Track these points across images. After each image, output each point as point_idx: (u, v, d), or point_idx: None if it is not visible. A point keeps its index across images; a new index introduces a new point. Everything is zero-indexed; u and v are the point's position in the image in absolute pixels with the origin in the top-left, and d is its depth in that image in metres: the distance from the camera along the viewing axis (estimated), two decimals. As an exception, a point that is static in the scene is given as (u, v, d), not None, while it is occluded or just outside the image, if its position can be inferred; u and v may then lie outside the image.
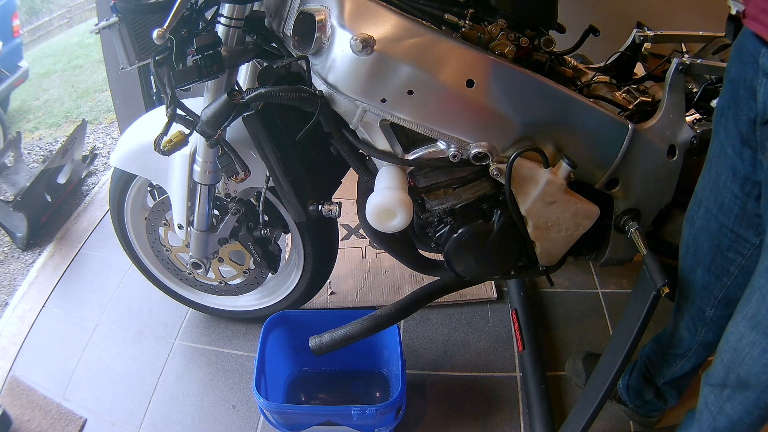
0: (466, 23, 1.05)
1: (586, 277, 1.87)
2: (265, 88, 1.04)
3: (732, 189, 0.95)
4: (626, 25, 1.42)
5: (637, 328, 1.10)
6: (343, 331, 1.27)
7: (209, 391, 1.59)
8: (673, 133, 1.16)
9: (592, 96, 1.23)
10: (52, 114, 3.80)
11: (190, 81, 1.05)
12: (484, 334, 1.70)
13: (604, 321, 1.73)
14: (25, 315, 1.86)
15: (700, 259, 1.08)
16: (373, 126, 1.07)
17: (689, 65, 1.14)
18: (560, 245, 1.24)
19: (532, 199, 1.14)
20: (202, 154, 1.27)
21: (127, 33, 1.04)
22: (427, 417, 1.50)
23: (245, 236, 1.45)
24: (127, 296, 1.89)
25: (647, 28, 1.39)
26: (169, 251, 1.61)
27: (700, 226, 1.05)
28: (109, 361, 1.69)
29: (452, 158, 1.08)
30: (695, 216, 1.06)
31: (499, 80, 1.04)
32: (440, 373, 1.60)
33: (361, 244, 2.01)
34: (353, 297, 1.83)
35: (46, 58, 5.06)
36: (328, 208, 1.21)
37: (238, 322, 1.77)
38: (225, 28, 1.08)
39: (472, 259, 1.25)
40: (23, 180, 2.47)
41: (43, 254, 2.14)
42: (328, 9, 1.00)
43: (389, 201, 1.05)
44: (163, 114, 1.07)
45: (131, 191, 1.53)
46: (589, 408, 1.21)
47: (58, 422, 1.52)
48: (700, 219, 1.05)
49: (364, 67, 0.99)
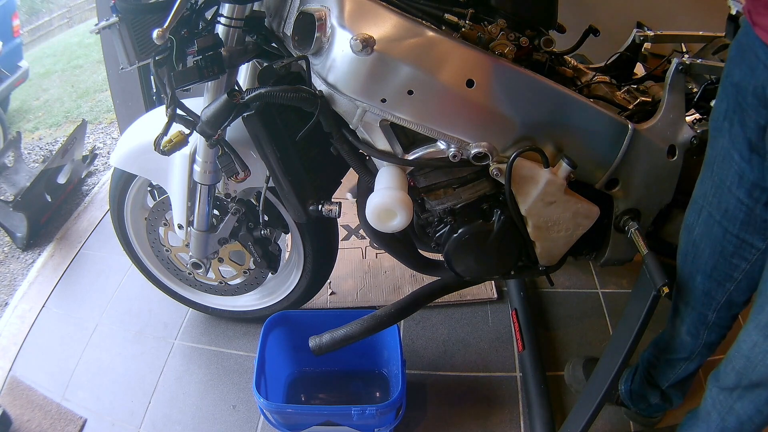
0: (466, 23, 1.05)
1: (586, 277, 1.87)
2: (265, 88, 1.04)
3: (738, 195, 0.93)
4: (626, 25, 1.42)
5: (637, 328, 1.10)
6: (343, 331, 1.27)
7: (209, 391, 1.59)
8: (673, 133, 1.16)
9: (592, 96, 1.23)
10: (52, 114, 3.80)
11: (190, 82, 1.05)
12: (484, 334, 1.70)
13: (604, 321, 1.73)
14: (25, 315, 1.86)
15: (700, 266, 1.07)
16: (373, 126, 1.07)
17: (689, 65, 1.14)
18: (560, 245, 1.24)
19: (532, 199, 1.14)
20: (202, 154, 1.27)
21: (127, 33, 1.04)
22: (427, 417, 1.50)
23: (245, 236, 1.45)
24: (127, 296, 1.89)
25: (647, 28, 1.39)
26: (169, 251, 1.61)
27: (700, 232, 1.04)
28: (109, 361, 1.69)
29: (452, 158, 1.08)
30: (694, 223, 1.05)
31: (499, 80, 1.04)
32: (440, 373, 1.60)
33: (362, 245, 2.01)
34: (353, 297, 1.83)
35: (46, 58, 5.06)
36: (328, 208, 1.21)
37: (238, 322, 1.77)
38: (225, 28, 1.08)
39: (472, 259, 1.25)
40: (23, 180, 2.47)
41: (43, 254, 2.14)
42: (328, 9, 1.00)
43: (389, 201, 1.05)
44: (163, 114, 1.07)
45: (131, 191, 1.53)
46: (589, 408, 1.21)
47: (58, 422, 1.52)
48: (701, 225, 1.03)
49: (364, 67, 0.99)
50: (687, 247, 1.09)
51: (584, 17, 1.29)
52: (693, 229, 1.06)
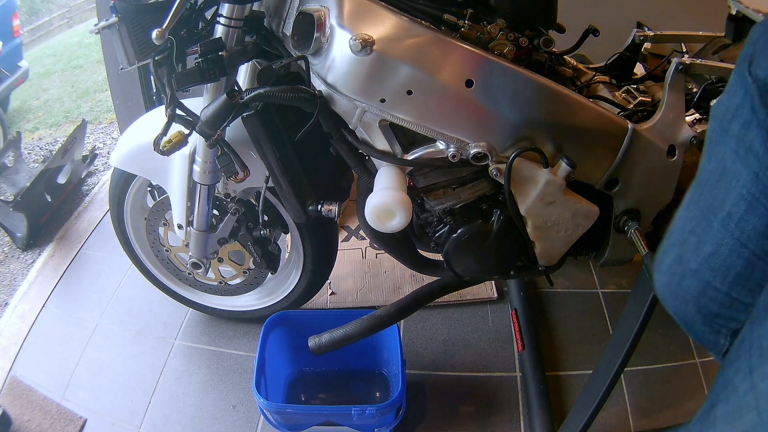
0: (466, 23, 1.05)
1: (586, 277, 1.87)
2: (265, 88, 1.04)
3: (735, 232, 0.68)
4: (626, 25, 1.42)
5: (637, 328, 1.10)
6: (342, 331, 1.27)
7: (209, 391, 1.59)
8: (673, 133, 1.16)
9: (591, 96, 1.23)
10: (52, 114, 3.81)
11: (192, 83, 1.05)
12: (484, 334, 1.70)
13: (604, 321, 1.73)
14: (25, 315, 1.86)
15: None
16: (373, 126, 1.07)
17: (689, 65, 1.13)
18: (560, 245, 1.24)
19: (531, 199, 1.14)
20: (202, 154, 1.27)
21: (126, 33, 1.04)
22: (427, 417, 1.50)
23: (245, 236, 1.45)
24: (127, 296, 1.89)
25: (647, 28, 1.39)
26: (168, 251, 1.61)
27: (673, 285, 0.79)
28: (109, 361, 1.69)
29: (451, 158, 1.08)
30: (662, 262, 0.81)
31: (498, 80, 1.04)
32: (440, 373, 1.60)
33: (362, 245, 2.01)
34: (353, 297, 1.83)
35: (46, 58, 5.07)
36: (327, 208, 1.21)
37: (238, 322, 1.77)
38: (224, 28, 1.08)
39: (472, 259, 1.25)
40: (23, 180, 2.47)
41: (43, 254, 2.15)
42: (328, 9, 1.00)
43: (388, 201, 1.05)
44: (163, 114, 1.07)
45: (131, 191, 1.53)
46: (589, 408, 1.21)
47: (58, 422, 1.52)
48: (666, 274, 0.80)
49: (363, 67, 0.99)
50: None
51: (584, 17, 1.29)
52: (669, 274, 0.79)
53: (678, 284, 0.76)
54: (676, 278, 0.77)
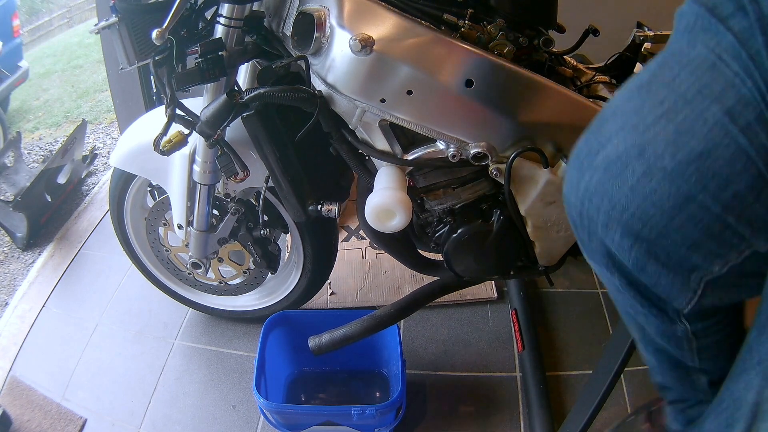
0: (465, 23, 1.05)
1: (586, 277, 1.87)
2: (265, 88, 1.04)
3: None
4: (626, 25, 1.41)
5: (637, 328, 1.10)
6: (342, 331, 1.27)
7: (209, 391, 1.59)
8: (673, 133, 1.16)
9: (592, 96, 1.23)
10: (52, 114, 3.81)
11: (192, 84, 1.05)
12: (484, 334, 1.70)
13: (604, 321, 1.73)
14: (25, 315, 1.86)
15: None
16: (373, 126, 1.07)
17: (689, 65, 1.13)
18: (560, 245, 1.24)
19: (531, 199, 1.13)
20: (202, 154, 1.27)
21: (126, 33, 1.04)
22: (427, 417, 1.50)
23: (245, 236, 1.45)
24: (127, 296, 1.89)
25: (647, 28, 1.39)
26: (168, 251, 1.61)
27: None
28: (109, 361, 1.69)
29: (451, 158, 1.08)
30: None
31: (498, 80, 1.04)
32: (440, 373, 1.60)
33: (362, 245, 2.01)
34: (353, 297, 1.83)
35: (46, 58, 5.07)
36: (327, 208, 1.21)
37: (238, 322, 1.77)
38: (224, 28, 1.08)
39: (472, 259, 1.25)
40: (23, 180, 2.47)
41: (43, 254, 2.15)
42: (328, 9, 1.00)
43: (388, 201, 1.05)
44: (163, 114, 1.07)
45: (131, 191, 1.53)
46: (589, 408, 1.21)
47: (58, 422, 1.52)
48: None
49: (363, 67, 0.99)
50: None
51: (584, 17, 1.29)
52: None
53: (634, 187, 0.55)
54: (628, 176, 0.55)
